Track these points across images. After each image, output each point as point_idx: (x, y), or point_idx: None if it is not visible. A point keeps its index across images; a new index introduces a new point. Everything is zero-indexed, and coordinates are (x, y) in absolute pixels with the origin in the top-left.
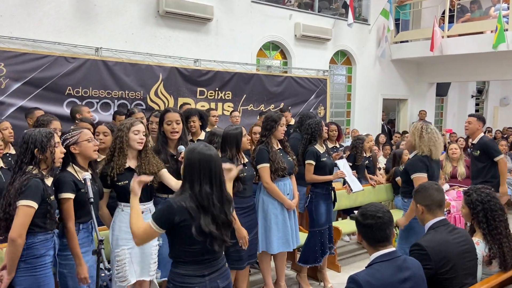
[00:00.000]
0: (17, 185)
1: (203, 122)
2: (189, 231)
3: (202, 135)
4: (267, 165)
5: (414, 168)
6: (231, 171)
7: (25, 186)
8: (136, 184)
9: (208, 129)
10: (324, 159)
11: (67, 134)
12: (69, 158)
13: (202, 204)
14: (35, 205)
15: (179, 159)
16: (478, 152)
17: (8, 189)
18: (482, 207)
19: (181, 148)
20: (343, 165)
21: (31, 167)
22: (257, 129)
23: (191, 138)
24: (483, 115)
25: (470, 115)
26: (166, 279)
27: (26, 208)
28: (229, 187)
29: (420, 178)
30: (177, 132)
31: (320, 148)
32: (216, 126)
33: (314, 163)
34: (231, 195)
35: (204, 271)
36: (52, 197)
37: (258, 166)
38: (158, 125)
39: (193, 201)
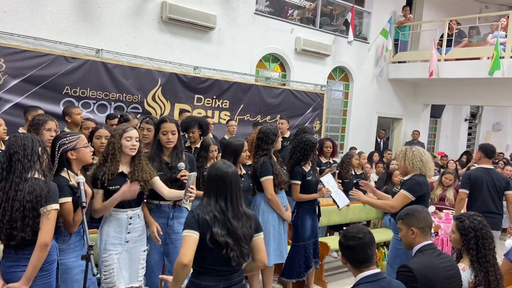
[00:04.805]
0: (45, 189)
1: (203, 131)
2: (205, 240)
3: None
4: (271, 177)
5: (412, 190)
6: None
7: (52, 191)
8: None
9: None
10: (310, 178)
11: (64, 139)
12: (64, 163)
13: (216, 216)
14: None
15: (178, 176)
16: None
17: (20, 189)
18: (474, 234)
19: (181, 165)
20: (327, 182)
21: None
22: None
23: (189, 145)
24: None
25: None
26: None
27: (55, 211)
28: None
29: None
30: (172, 142)
31: (306, 167)
32: (210, 135)
33: (300, 182)
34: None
35: (219, 284)
36: None
37: (262, 179)
38: (154, 133)
39: (211, 213)
